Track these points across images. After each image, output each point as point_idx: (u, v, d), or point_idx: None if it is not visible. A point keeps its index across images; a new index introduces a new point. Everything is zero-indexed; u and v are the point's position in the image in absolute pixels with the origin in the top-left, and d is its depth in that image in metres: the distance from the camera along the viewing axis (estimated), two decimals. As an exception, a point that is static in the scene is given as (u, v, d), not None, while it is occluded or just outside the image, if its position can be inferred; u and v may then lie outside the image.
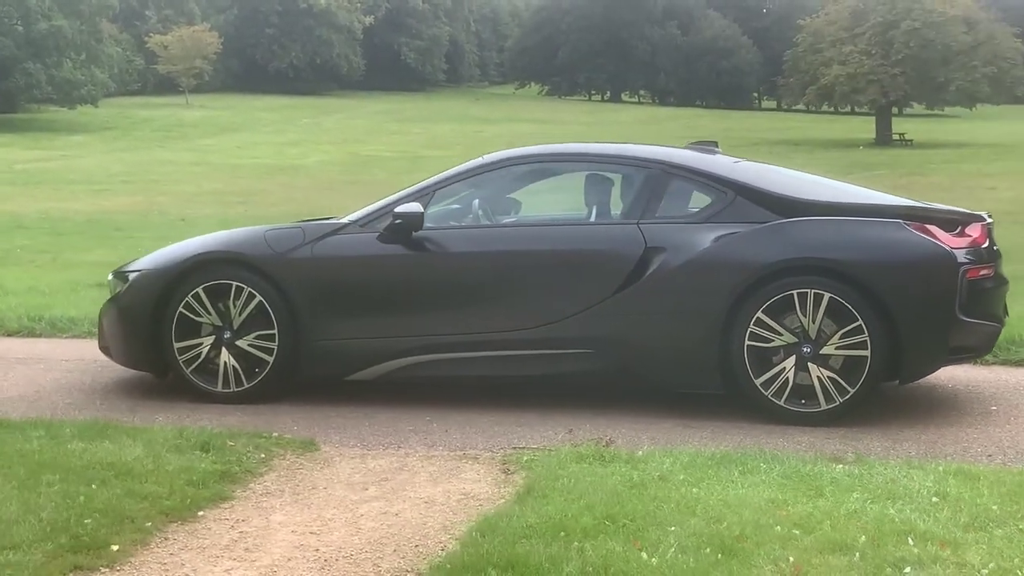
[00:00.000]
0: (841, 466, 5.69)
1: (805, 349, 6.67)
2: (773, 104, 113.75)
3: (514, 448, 6.29)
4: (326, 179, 40.16)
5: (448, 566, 4.39)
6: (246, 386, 7.29)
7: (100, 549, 4.62)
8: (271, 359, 7.24)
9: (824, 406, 6.67)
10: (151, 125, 70.23)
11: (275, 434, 6.41)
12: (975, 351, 7.07)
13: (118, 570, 4.52)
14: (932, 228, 6.79)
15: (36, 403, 7.34)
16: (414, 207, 7.17)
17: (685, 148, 7.81)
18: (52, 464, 5.61)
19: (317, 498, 5.44)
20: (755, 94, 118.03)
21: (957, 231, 6.87)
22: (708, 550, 4.47)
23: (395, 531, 4.97)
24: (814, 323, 6.64)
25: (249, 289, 7.23)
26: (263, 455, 6.04)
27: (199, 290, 7.29)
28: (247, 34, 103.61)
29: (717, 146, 7.86)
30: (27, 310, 10.62)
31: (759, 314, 6.68)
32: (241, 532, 4.95)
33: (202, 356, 7.33)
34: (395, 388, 7.47)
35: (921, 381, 7.36)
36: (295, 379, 7.37)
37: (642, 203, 7.16)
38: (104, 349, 7.87)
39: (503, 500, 5.35)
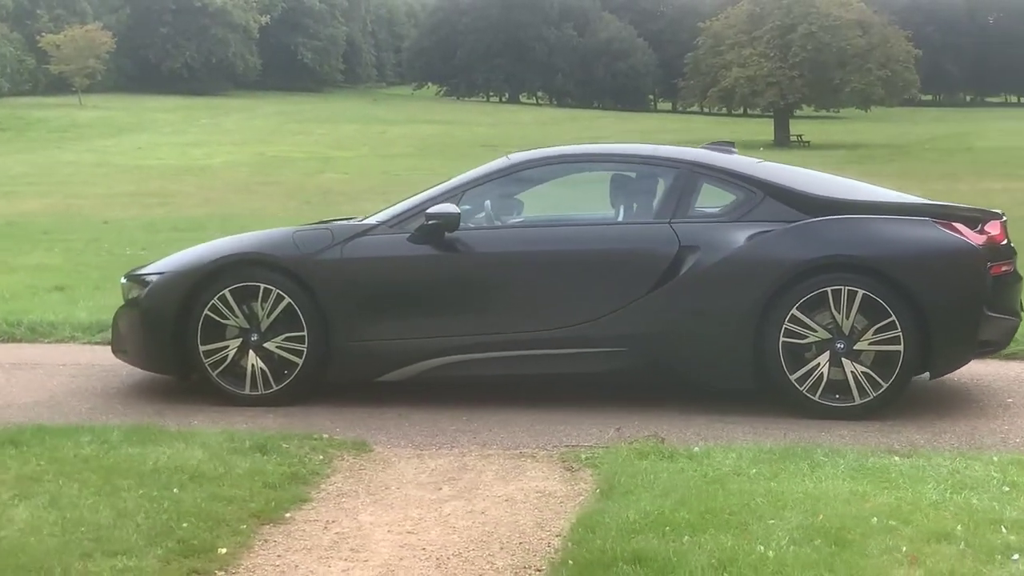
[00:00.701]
0: (898, 458, 5.84)
1: (839, 345, 6.81)
2: (669, 106, 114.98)
3: (567, 446, 6.33)
4: (238, 180, 39.56)
5: (571, 562, 4.43)
6: (274, 388, 7.22)
7: (209, 552, 4.59)
8: (300, 361, 7.18)
9: (858, 400, 6.82)
10: (46, 126, 68.63)
11: (325, 435, 6.38)
12: (997, 345, 7.27)
13: (233, 573, 4.49)
14: (959, 226, 6.98)
15: (57, 409, 7.18)
16: (449, 208, 7.16)
17: (702, 148, 7.91)
18: (119, 469, 5.55)
19: (394, 498, 5.44)
20: (651, 96, 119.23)
21: (979, 228, 7.07)
22: (819, 541, 4.57)
23: (490, 529, 5.00)
24: (848, 319, 6.79)
25: (278, 291, 7.16)
26: (321, 457, 6.01)
27: (226, 292, 7.20)
28: (141, 33, 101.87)
29: (734, 146, 7.97)
30: (3, 315, 10.35)
31: (794, 311, 6.80)
32: (337, 533, 4.94)
33: (229, 359, 7.25)
34: (421, 388, 7.44)
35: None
36: (324, 381, 7.32)
37: (673, 202, 7.25)
38: (120, 352, 7.73)
39: (582, 497, 5.41)
